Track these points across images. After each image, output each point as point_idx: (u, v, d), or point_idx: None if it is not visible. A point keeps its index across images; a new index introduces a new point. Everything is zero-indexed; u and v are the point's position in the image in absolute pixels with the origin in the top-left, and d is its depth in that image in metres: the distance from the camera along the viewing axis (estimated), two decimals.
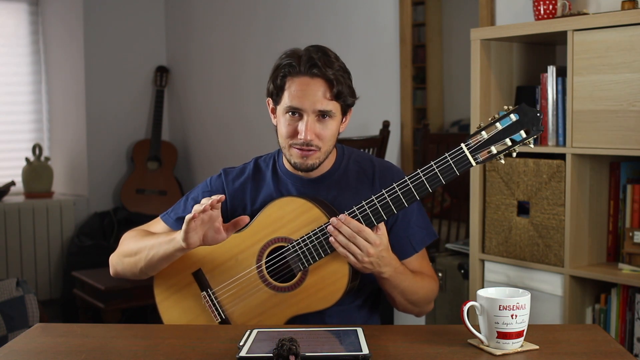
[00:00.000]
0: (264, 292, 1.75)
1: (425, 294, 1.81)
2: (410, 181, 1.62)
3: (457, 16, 3.48)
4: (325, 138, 1.74)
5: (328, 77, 1.70)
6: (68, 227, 4.80)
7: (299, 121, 1.73)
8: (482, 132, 1.56)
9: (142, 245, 1.81)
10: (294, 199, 1.75)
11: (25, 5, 5.01)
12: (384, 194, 1.63)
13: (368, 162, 1.86)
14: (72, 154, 5.04)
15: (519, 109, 1.55)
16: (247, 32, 4.50)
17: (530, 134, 1.54)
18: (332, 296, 1.70)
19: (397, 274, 1.70)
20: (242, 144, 4.59)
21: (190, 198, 1.91)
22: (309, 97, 1.70)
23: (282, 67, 1.74)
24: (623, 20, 2.19)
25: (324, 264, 1.70)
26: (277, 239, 1.74)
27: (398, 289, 1.74)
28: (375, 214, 1.64)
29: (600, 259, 2.44)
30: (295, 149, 1.74)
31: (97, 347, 1.52)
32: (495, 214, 2.58)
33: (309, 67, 1.70)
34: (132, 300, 3.76)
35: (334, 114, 1.74)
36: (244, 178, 1.88)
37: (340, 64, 1.75)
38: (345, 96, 1.74)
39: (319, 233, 1.68)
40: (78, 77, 4.91)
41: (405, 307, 1.82)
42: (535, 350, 1.45)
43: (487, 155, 1.56)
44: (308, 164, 1.75)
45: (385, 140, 3.40)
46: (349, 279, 1.69)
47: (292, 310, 1.73)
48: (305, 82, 1.71)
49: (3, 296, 2.52)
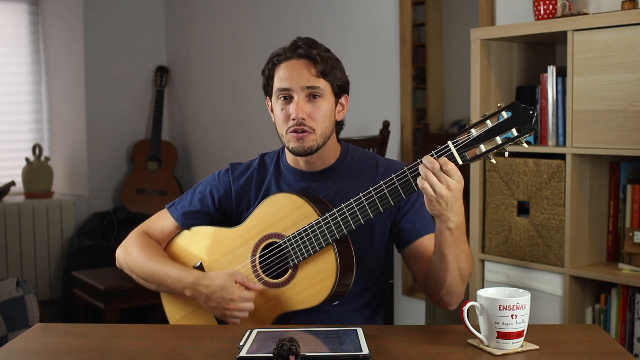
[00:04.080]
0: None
1: (470, 266, 1.69)
2: (396, 179, 1.60)
3: (457, 16, 3.47)
4: (318, 118, 1.75)
5: (312, 56, 1.74)
6: (68, 227, 4.80)
7: (290, 104, 1.75)
8: (472, 130, 1.50)
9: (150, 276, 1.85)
10: (288, 195, 1.76)
11: (25, 5, 5.01)
12: (371, 192, 1.62)
13: (372, 159, 1.87)
14: (72, 154, 5.04)
15: (512, 106, 1.48)
16: (247, 32, 4.50)
17: (521, 133, 1.47)
18: (318, 295, 1.69)
19: (461, 228, 1.60)
20: (242, 144, 4.59)
21: (197, 191, 1.92)
22: (295, 77, 1.74)
23: (271, 59, 1.80)
24: (623, 20, 2.19)
25: (313, 262, 1.70)
26: (271, 235, 1.75)
27: (456, 251, 1.62)
28: (362, 210, 1.63)
29: (600, 259, 2.44)
30: (291, 134, 1.75)
31: (97, 347, 1.52)
32: (495, 214, 2.58)
33: (294, 50, 1.76)
34: (132, 300, 3.76)
35: (323, 92, 1.75)
36: (249, 174, 1.89)
37: (327, 49, 1.79)
38: (333, 76, 1.76)
39: (309, 229, 1.68)
40: (78, 77, 4.91)
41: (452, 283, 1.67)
42: (535, 350, 1.45)
43: (475, 154, 1.50)
44: (305, 147, 1.75)
45: (385, 140, 3.40)
46: (335, 279, 1.67)
47: (282, 306, 1.73)
48: (292, 64, 1.76)
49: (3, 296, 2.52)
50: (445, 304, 1.74)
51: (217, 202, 1.89)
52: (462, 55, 3.21)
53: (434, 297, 1.75)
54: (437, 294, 1.73)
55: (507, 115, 1.48)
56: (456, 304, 1.74)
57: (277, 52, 1.79)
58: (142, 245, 1.89)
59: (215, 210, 1.90)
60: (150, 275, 1.84)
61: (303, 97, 1.74)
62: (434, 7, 3.47)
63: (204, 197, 1.90)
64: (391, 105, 3.56)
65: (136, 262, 1.87)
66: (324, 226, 1.67)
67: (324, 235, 1.67)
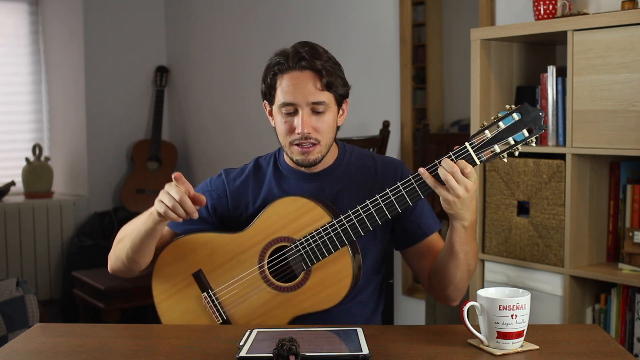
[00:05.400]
0: (266, 292, 1.75)
1: (476, 263, 1.75)
2: (414, 180, 1.62)
3: (457, 16, 3.47)
4: (323, 131, 1.75)
5: (317, 68, 1.72)
6: (68, 227, 4.80)
7: (294, 117, 1.74)
8: (486, 131, 1.56)
9: (126, 230, 1.86)
10: (296, 198, 1.75)
11: (25, 5, 5.01)
12: (388, 193, 1.64)
13: (369, 157, 1.87)
14: (72, 154, 5.04)
15: (521, 108, 1.56)
16: (247, 32, 4.50)
17: (532, 133, 1.55)
18: (335, 296, 1.70)
19: (473, 226, 1.65)
20: (243, 144, 4.59)
21: None
22: (300, 91, 1.72)
23: (271, 67, 1.76)
24: (623, 20, 2.19)
25: (328, 263, 1.70)
26: (280, 239, 1.74)
27: (467, 248, 1.67)
28: (379, 212, 1.64)
29: (600, 259, 2.44)
30: (296, 146, 1.75)
31: (97, 347, 1.52)
32: (495, 214, 2.58)
33: (297, 61, 1.72)
34: (132, 300, 3.76)
35: (328, 105, 1.74)
36: (245, 176, 1.88)
37: (329, 56, 1.76)
38: (336, 86, 1.75)
39: (323, 232, 1.68)
40: (78, 77, 4.91)
41: (460, 279, 1.71)
42: (535, 350, 1.45)
43: (491, 154, 1.57)
44: (310, 160, 1.76)
45: (385, 140, 3.40)
46: (352, 279, 1.69)
47: (295, 310, 1.73)
48: (295, 76, 1.73)
49: (3, 296, 2.52)
50: (450, 300, 1.77)
51: (211, 208, 1.86)
52: (462, 55, 3.20)
53: (440, 294, 1.78)
54: (445, 291, 1.75)
55: (518, 117, 1.55)
56: (459, 299, 1.78)
57: (278, 61, 1.75)
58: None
59: (210, 216, 1.87)
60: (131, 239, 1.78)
61: (308, 111, 1.73)
62: (434, 7, 3.47)
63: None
64: (391, 105, 3.56)
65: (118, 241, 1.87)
66: (339, 228, 1.67)
67: (339, 237, 1.67)
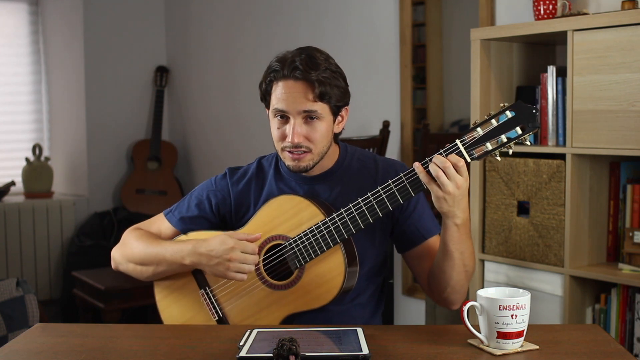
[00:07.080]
0: (261, 290, 1.76)
1: (474, 264, 1.73)
2: (405, 177, 1.62)
3: (457, 16, 3.48)
4: (315, 140, 1.74)
5: (310, 79, 1.70)
6: (68, 227, 4.79)
7: (286, 124, 1.74)
8: (478, 129, 1.56)
9: (148, 257, 1.82)
10: (291, 197, 1.76)
11: (25, 5, 5.01)
12: (380, 191, 1.64)
13: (371, 159, 1.87)
14: (72, 154, 5.04)
15: (515, 106, 1.55)
16: (247, 32, 4.50)
17: (525, 131, 1.54)
18: (327, 294, 1.70)
19: (466, 225, 1.64)
20: (242, 144, 4.59)
21: (194, 196, 1.91)
22: (292, 100, 1.71)
23: (269, 72, 1.77)
24: (623, 20, 2.19)
25: (321, 261, 1.70)
26: (275, 237, 1.75)
27: (462, 247, 1.65)
28: (371, 210, 1.64)
29: (600, 259, 2.44)
30: (287, 152, 1.75)
31: (97, 347, 1.52)
32: (495, 214, 2.58)
33: (292, 70, 1.71)
34: (132, 300, 3.76)
35: (320, 115, 1.73)
36: (248, 178, 1.88)
37: (328, 65, 1.74)
38: (331, 96, 1.73)
39: (316, 230, 1.68)
40: (78, 77, 4.91)
41: (457, 281, 1.70)
42: (535, 350, 1.45)
43: (482, 151, 1.56)
44: (300, 167, 1.76)
45: (385, 140, 3.40)
46: (344, 277, 1.69)
47: (288, 308, 1.73)
48: (289, 85, 1.72)
49: (3, 296, 2.52)
50: (449, 303, 1.76)
51: (215, 207, 1.88)
52: (462, 55, 3.21)
53: (438, 296, 1.77)
54: (442, 294, 1.74)
55: (511, 115, 1.55)
56: (459, 302, 1.76)
57: (274, 67, 1.75)
58: (139, 233, 1.89)
59: (213, 215, 1.88)
60: (148, 256, 1.81)
61: (300, 120, 1.72)
62: (434, 7, 3.47)
63: (201, 202, 1.88)
64: (391, 105, 3.56)
65: (133, 248, 1.85)
66: (332, 226, 1.67)
67: (332, 235, 1.67)
